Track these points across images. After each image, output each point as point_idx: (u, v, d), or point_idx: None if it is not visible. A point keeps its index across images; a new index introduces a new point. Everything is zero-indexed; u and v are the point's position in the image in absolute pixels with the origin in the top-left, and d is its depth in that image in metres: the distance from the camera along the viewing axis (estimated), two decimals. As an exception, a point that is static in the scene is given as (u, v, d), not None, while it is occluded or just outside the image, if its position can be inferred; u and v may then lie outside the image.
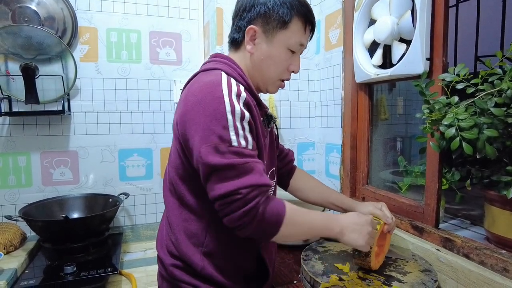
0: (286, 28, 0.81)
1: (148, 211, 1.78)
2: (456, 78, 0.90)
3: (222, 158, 0.68)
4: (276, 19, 0.80)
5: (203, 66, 0.85)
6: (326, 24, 1.65)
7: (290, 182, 1.11)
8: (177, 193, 0.83)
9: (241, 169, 0.68)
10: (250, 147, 0.72)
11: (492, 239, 0.95)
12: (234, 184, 0.67)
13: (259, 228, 0.70)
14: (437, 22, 1.03)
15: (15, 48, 1.48)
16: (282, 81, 0.89)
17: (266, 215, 0.69)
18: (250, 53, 0.84)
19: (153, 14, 1.73)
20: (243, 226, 0.68)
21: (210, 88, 0.72)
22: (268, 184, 0.71)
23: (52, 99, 1.56)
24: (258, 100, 0.84)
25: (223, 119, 0.69)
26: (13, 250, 1.37)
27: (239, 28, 0.84)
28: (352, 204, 1.02)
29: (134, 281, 1.32)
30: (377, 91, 1.46)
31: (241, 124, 0.71)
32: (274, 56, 0.83)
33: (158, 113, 1.76)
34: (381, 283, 0.86)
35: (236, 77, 0.79)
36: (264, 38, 0.82)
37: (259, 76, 0.86)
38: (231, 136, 0.69)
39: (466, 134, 0.81)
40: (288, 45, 0.83)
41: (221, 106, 0.70)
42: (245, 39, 0.83)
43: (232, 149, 0.69)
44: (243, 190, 0.67)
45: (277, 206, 0.72)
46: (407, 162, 1.34)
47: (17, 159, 1.56)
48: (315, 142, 1.79)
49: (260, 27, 0.81)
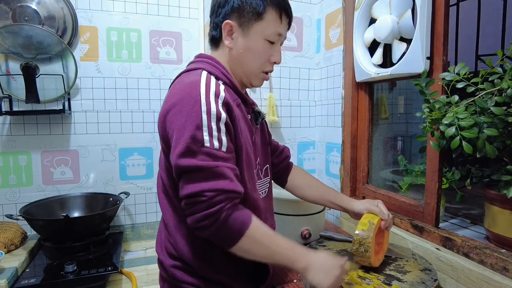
0: (261, 19, 0.80)
1: (148, 210, 1.78)
2: (456, 77, 0.90)
3: (193, 159, 0.68)
4: (250, 11, 0.80)
5: (187, 67, 0.85)
6: (326, 23, 1.65)
7: (288, 179, 1.11)
8: (169, 194, 0.83)
9: (209, 172, 0.68)
10: (224, 149, 0.71)
11: (492, 238, 0.95)
12: (200, 186, 0.67)
13: (218, 233, 0.70)
14: (438, 21, 1.03)
15: (15, 47, 1.48)
16: (265, 73, 0.88)
17: (228, 223, 0.69)
18: (228, 48, 0.83)
19: (153, 13, 1.72)
20: (203, 228, 0.69)
21: (189, 89, 0.72)
22: (238, 191, 0.71)
23: (52, 98, 1.56)
24: (243, 98, 0.84)
25: (197, 119, 0.69)
26: (14, 249, 1.37)
27: (216, 24, 0.84)
28: (349, 202, 1.02)
29: (135, 280, 1.32)
30: (378, 90, 1.46)
31: (217, 125, 0.71)
32: (253, 48, 0.82)
33: (159, 112, 1.76)
34: (381, 282, 0.86)
35: (219, 76, 0.80)
36: (240, 32, 0.82)
37: (241, 70, 0.85)
38: (204, 136, 0.69)
39: (466, 133, 0.81)
40: (265, 36, 0.82)
41: (196, 105, 0.70)
42: (222, 35, 0.83)
43: (204, 150, 0.69)
44: (208, 193, 0.67)
45: (242, 217, 0.71)
46: (407, 161, 1.35)
47: (18, 158, 1.57)
48: (315, 141, 1.79)
49: (236, 21, 0.81)
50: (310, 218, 1.22)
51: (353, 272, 0.91)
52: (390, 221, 0.96)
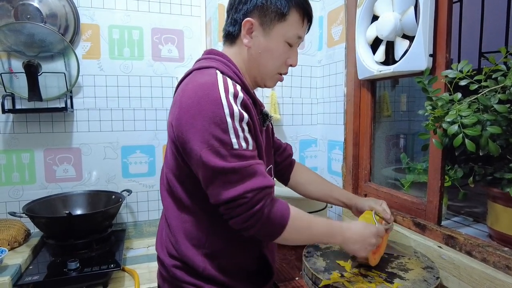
0: (284, 20, 0.79)
1: (150, 208, 1.78)
2: (459, 74, 0.90)
3: (225, 162, 0.67)
4: (273, 11, 0.78)
5: (197, 64, 0.82)
6: (328, 21, 1.64)
7: (290, 177, 1.10)
8: (174, 195, 0.81)
9: (244, 172, 0.68)
10: (250, 148, 0.71)
11: (495, 237, 0.95)
12: (239, 189, 0.67)
13: (263, 229, 0.71)
14: (441, 18, 1.02)
15: (17, 45, 1.48)
16: (280, 74, 0.87)
17: (271, 217, 0.70)
18: (247, 47, 0.81)
19: (155, 11, 1.72)
20: (248, 228, 0.70)
21: (206, 90, 0.70)
22: (272, 185, 0.71)
23: (54, 96, 1.56)
24: (254, 98, 0.82)
25: (222, 122, 0.68)
26: (17, 246, 1.38)
27: (234, 21, 0.82)
28: (353, 198, 1.02)
29: (137, 277, 1.33)
30: (380, 88, 1.45)
31: (241, 126, 0.70)
32: (272, 49, 0.81)
33: (161, 110, 1.77)
34: (383, 280, 0.86)
35: (231, 76, 0.77)
36: (261, 31, 0.80)
37: (257, 70, 0.84)
38: (232, 139, 0.68)
39: (469, 131, 0.81)
40: (286, 38, 0.80)
41: (219, 108, 0.68)
42: (241, 33, 0.81)
43: (234, 152, 0.68)
44: (249, 194, 0.67)
45: (281, 209, 0.72)
46: (410, 159, 1.34)
47: (21, 156, 1.57)
48: (317, 139, 1.79)
49: (257, 20, 0.79)
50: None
51: (355, 270, 0.91)
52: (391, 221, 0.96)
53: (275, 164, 1.07)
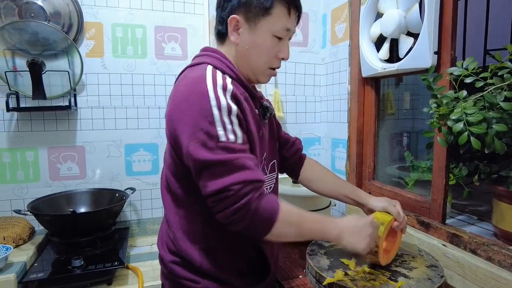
0: (269, 14, 0.78)
1: (154, 206, 1.79)
2: (464, 72, 0.89)
3: (212, 154, 0.67)
4: (257, 6, 0.77)
5: (192, 61, 0.83)
6: (332, 18, 1.64)
7: (301, 173, 1.08)
8: (172, 191, 0.82)
9: (231, 165, 0.67)
10: (239, 141, 0.70)
11: (500, 235, 0.94)
12: (225, 180, 0.66)
13: (251, 224, 0.69)
14: (446, 15, 1.02)
15: (21, 43, 1.49)
16: (272, 69, 0.85)
17: (259, 212, 0.69)
18: (235, 43, 0.81)
19: (158, 9, 1.72)
20: (235, 222, 0.68)
21: (195, 84, 0.71)
22: (261, 180, 0.70)
23: (58, 95, 1.57)
24: (251, 92, 0.82)
25: (209, 115, 0.68)
26: (22, 244, 1.39)
27: (222, 19, 0.82)
28: (366, 197, 0.99)
29: (141, 275, 1.33)
30: (384, 86, 1.45)
31: (229, 118, 0.70)
32: (260, 44, 0.80)
33: (164, 108, 1.76)
34: (387, 278, 0.86)
35: (225, 70, 0.78)
36: (247, 27, 0.79)
37: (247, 66, 0.83)
38: (219, 131, 0.68)
39: (475, 128, 0.80)
40: (273, 31, 0.79)
41: (206, 101, 0.68)
42: (228, 30, 0.81)
43: (221, 145, 0.68)
44: (235, 186, 0.66)
45: (270, 204, 0.71)
46: (414, 157, 1.33)
47: (25, 154, 1.58)
48: (320, 137, 1.79)
49: (242, 16, 0.79)
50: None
51: (359, 268, 0.91)
52: (404, 223, 0.95)
53: (283, 159, 1.06)
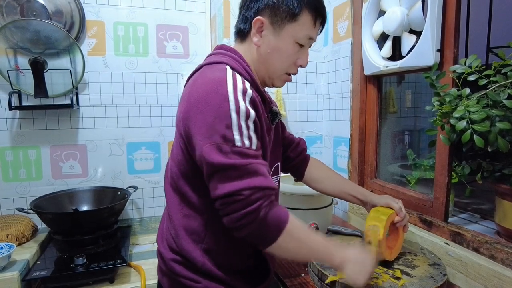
0: (295, 20, 0.77)
1: (156, 204, 1.79)
2: (467, 69, 0.89)
3: (226, 158, 0.66)
4: (285, 11, 0.77)
5: (208, 59, 0.82)
6: (334, 16, 1.63)
7: (305, 173, 1.08)
8: (178, 189, 0.81)
9: (244, 170, 0.67)
10: (254, 147, 0.70)
11: (502, 233, 0.94)
12: (236, 184, 0.66)
13: (257, 231, 0.68)
14: (449, 13, 1.01)
15: (24, 42, 1.49)
16: (288, 75, 0.85)
17: (268, 220, 0.68)
18: (256, 45, 0.80)
19: (160, 7, 1.72)
20: (242, 227, 0.68)
21: (215, 85, 0.69)
22: (273, 187, 0.70)
23: (60, 93, 1.57)
24: (263, 96, 0.81)
25: (227, 118, 0.67)
26: (25, 242, 1.39)
27: (245, 18, 0.81)
28: (369, 195, 1.00)
29: (143, 273, 1.34)
30: (386, 84, 1.44)
31: (246, 123, 0.69)
32: (282, 49, 0.80)
33: (166, 106, 1.77)
34: (389, 277, 0.86)
35: (241, 72, 0.77)
36: (271, 30, 0.78)
37: (265, 69, 0.83)
38: (235, 135, 0.67)
39: (478, 126, 0.80)
40: (297, 38, 0.79)
41: (225, 104, 0.67)
42: (251, 31, 0.80)
43: (235, 149, 0.67)
44: (246, 191, 0.65)
45: (280, 214, 0.70)
46: (416, 156, 1.33)
47: (28, 152, 1.58)
48: (322, 136, 1.78)
49: (268, 19, 0.78)
50: (317, 212, 1.22)
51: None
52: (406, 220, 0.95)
53: (288, 159, 1.06)
